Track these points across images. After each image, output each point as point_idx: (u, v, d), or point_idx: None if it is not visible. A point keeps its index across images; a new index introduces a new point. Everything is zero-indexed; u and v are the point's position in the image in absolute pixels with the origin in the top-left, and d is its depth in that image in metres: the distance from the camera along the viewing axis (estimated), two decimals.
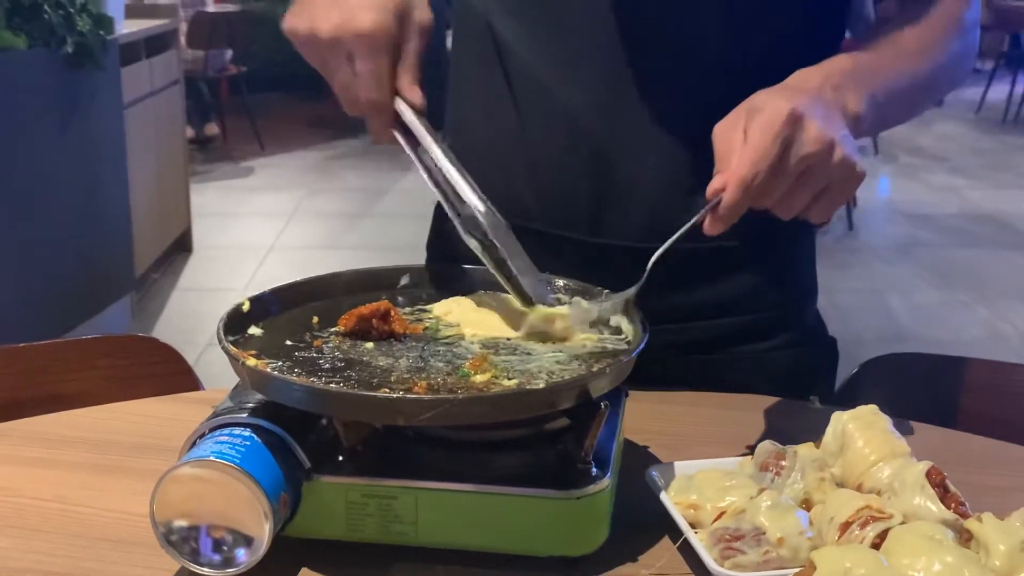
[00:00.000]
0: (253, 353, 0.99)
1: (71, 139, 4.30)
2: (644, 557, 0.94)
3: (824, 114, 1.01)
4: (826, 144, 0.98)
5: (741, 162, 0.97)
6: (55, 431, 1.20)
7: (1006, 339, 4.90)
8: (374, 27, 1.03)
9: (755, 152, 0.97)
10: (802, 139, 0.98)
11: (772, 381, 1.32)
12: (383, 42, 1.04)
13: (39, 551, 0.95)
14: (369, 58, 1.04)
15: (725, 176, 0.98)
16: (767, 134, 0.97)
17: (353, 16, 1.03)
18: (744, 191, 0.97)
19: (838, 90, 1.06)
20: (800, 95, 1.02)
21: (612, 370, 0.95)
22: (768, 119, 0.98)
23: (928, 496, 0.92)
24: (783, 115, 0.97)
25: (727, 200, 0.97)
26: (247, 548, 0.88)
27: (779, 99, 1.00)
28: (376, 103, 1.06)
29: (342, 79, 1.06)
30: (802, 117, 0.98)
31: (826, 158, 0.99)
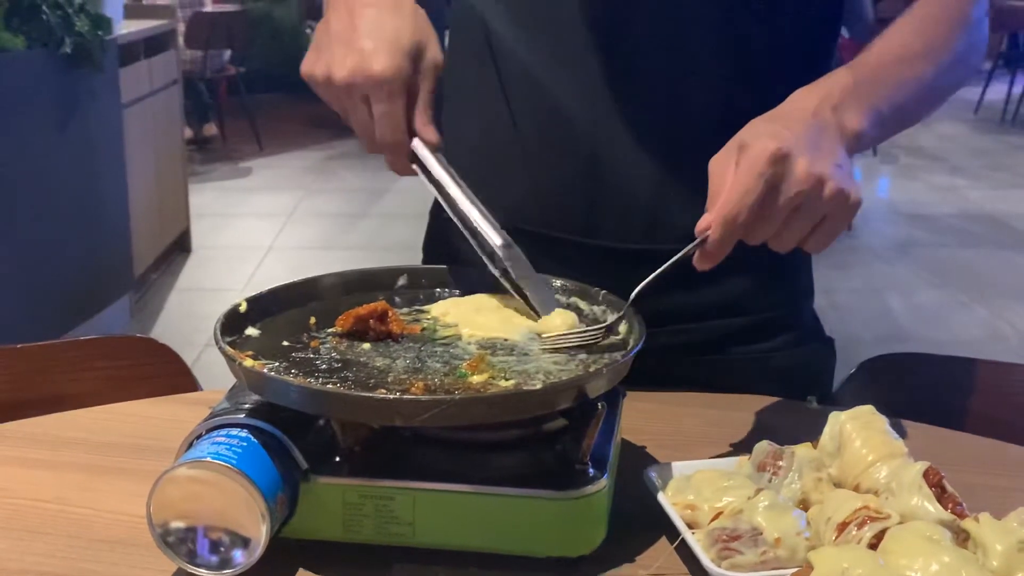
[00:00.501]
0: (250, 354, 0.99)
1: (70, 139, 4.30)
2: (642, 557, 0.94)
3: (814, 145, 1.00)
4: (814, 181, 0.98)
5: (726, 201, 0.98)
6: (53, 432, 1.20)
7: (1005, 339, 4.90)
8: (389, 71, 1.05)
9: (739, 191, 0.98)
10: (789, 178, 0.98)
11: (770, 382, 1.32)
12: (398, 85, 1.06)
13: (37, 552, 0.95)
14: (385, 101, 1.06)
15: (711, 214, 0.99)
16: (751, 173, 0.98)
17: (368, 61, 1.05)
18: (728, 230, 0.98)
19: (837, 110, 1.06)
20: (792, 127, 1.01)
21: (609, 371, 0.95)
22: (753, 158, 0.98)
23: (925, 496, 0.92)
24: (767, 154, 0.97)
25: (713, 237, 0.99)
26: (244, 549, 0.87)
27: (766, 136, 1.00)
28: (393, 144, 1.09)
29: (360, 121, 1.08)
30: (788, 155, 0.98)
31: (816, 195, 0.99)
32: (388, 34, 1.06)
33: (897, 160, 8.57)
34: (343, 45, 1.06)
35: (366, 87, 1.05)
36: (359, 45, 1.06)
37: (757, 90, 1.25)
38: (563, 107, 1.27)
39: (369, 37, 1.06)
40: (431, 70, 1.09)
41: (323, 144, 9.04)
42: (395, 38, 1.06)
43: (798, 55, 1.28)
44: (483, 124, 1.35)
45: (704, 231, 0.99)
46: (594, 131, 1.26)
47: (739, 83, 1.24)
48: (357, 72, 1.05)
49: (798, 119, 1.03)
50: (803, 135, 1.01)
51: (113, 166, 4.72)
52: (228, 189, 7.65)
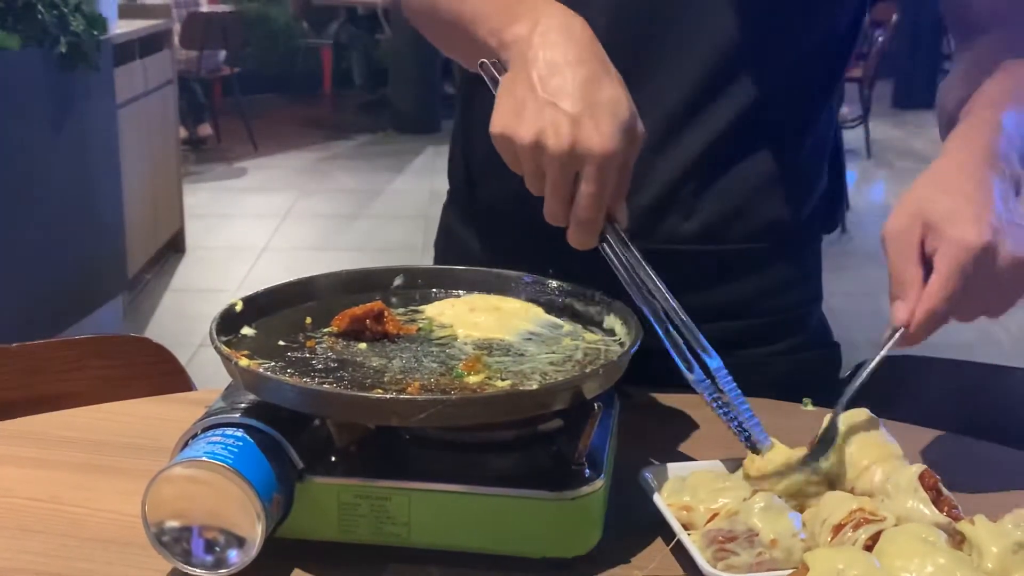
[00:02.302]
0: (246, 353, 0.99)
1: (64, 139, 4.29)
2: (637, 559, 0.94)
3: (1008, 220, 0.98)
4: (1017, 268, 0.97)
5: (928, 299, 0.97)
6: (48, 431, 1.19)
7: (998, 342, 4.91)
8: (611, 152, 0.95)
9: (943, 291, 0.96)
10: (993, 272, 0.97)
11: (774, 385, 1.32)
12: (615, 168, 0.96)
13: (32, 551, 0.95)
14: (597, 182, 0.96)
15: (910, 306, 0.98)
16: (956, 271, 0.96)
17: (590, 135, 0.94)
18: (933, 323, 0.97)
19: (1003, 154, 1.03)
20: (978, 200, 0.98)
21: (605, 371, 0.95)
22: (956, 254, 0.96)
23: (921, 499, 0.92)
24: (974, 251, 0.95)
25: (918, 334, 0.98)
26: (239, 549, 0.87)
27: (962, 223, 0.96)
28: (589, 223, 0.99)
29: (559, 194, 0.98)
30: (994, 249, 0.96)
31: (1016, 280, 0.98)
32: (607, 104, 0.96)
33: (891, 163, 8.58)
34: (554, 109, 0.95)
35: (583, 164, 0.95)
36: (576, 113, 0.95)
37: (775, 106, 1.26)
38: None
39: (586, 103, 0.95)
40: (639, 147, 1.00)
41: (318, 145, 9.03)
42: (615, 111, 0.96)
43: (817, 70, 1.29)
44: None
45: (903, 322, 0.98)
46: None
47: (757, 99, 1.24)
48: (577, 146, 0.94)
49: (978, 184, 1.00)
50: (996, 210, 0.98)
51: (108, 166, 4.72)
52: (223, 189, 7.65)
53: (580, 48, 0.99)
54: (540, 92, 0.96)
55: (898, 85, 10.69)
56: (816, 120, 1.32)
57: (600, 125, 0.95)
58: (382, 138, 9.16)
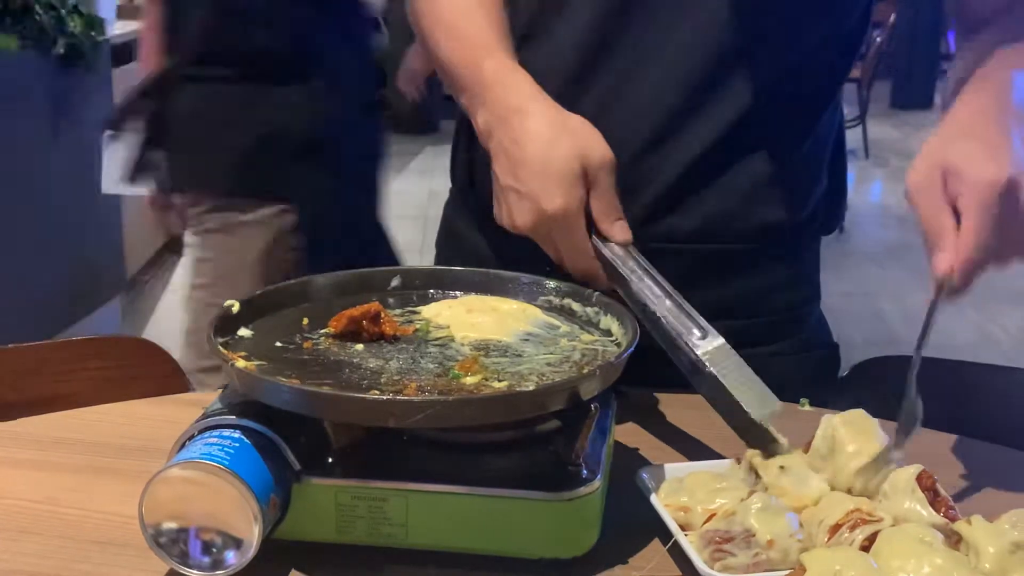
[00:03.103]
0: (243, 354, 0.99)
1: (62, 140, 4.29)
2: (634, 559, 0.94)
3: None
4: None
5: (965, 246, 0.96)
6: (45, 432, 1.19)
7: (996, 343, 4.91)
8: (563, 209, 1.09)
9: (978, 234, 0.95)
10: (1020, 205, 0.96)
11: (773, 385, 1.32)
12: (572, 217, 1.10)
13: (28, 552, 0.95)
14: (566, 236, 1.11)
15: (949, 256, 0.97)
16: (985, 212, 0.95)
17: (540, 203, 1.09)
18: (973, 271, 0.97)
19: (1016, 104, 1.04)
20: (995, 142, 0.98)
21: (602, 372, 0.95)
22: (980, 193, 0.95)
23: (918, 500, 0.92)
24: (995, 185, 0.95)
25: (961, 284, 0.97)
26: (236, 550, 0.87)
27: (981, 161, 0.97)
28: (583, 270, 1.13)
29: (552, 251, 1.14)
30: (1016, 183, 0.96)
31: None
32: (552, 170, 1.09)
33: (889, 163, 8.58)
34: (514, 194, 1.11)
35: (546, 228, 1.10)
36: (528, 190, 1.10)
37: (774, 107, 1.26)
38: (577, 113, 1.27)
39: (535, 179, 1.10)
40: (600, 172, 1.11)
41: None
42: (559, 171, 1.09)
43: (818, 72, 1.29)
44: None
45: (946, 273, 0.97)
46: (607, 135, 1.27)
47: (756, 100, 1.24)
48: (535, 218, 1.10)
49: (994, 128, 1.01)
50: (1015, 147, 0.98)
51: None
52: None
53: (525, 119, 1.12)
54: (503, 184, 1.13)
55: (896, 85, 10.69)
56: (816, 122, 1.32)
57: (548, 194, 1.09)
58: None
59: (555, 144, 1.10)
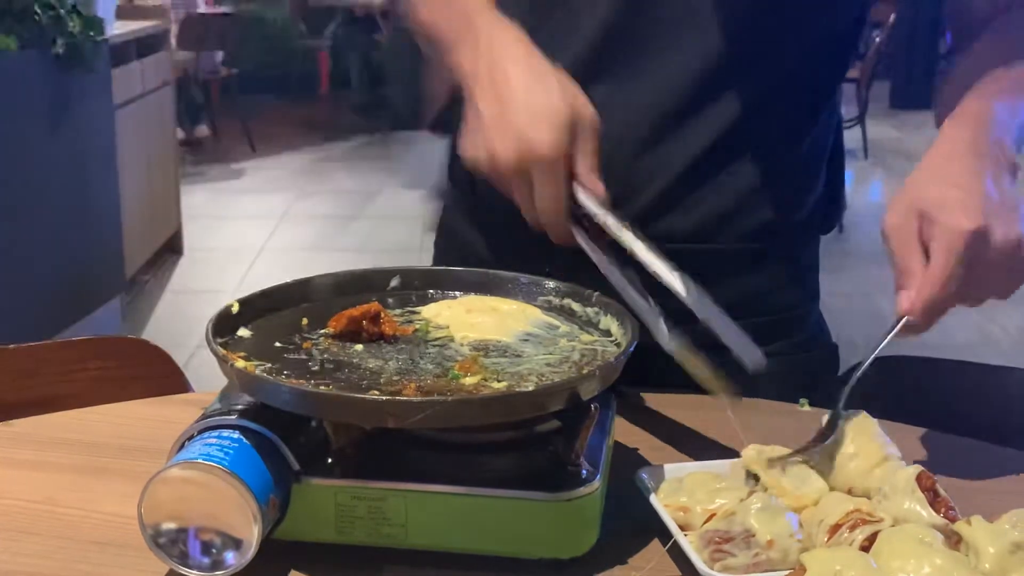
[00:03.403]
0: (242, 355, 0.99)
1: (62, 140, 4.29)
2: (634, 559, 0.94)
3: (999, 201, 0.99)
4: (1012, 248, 0.98)
5: (927, 286, 0.99)
6: (44, 433, 1.19)
7: (996, 342, 4.91)
8: (552, 151, 1.05)
9: (941, 276, 0.98)
10: (988, 255, 0.98)
11: (772, 385, 1.32)
12: (560, 164, 1.06)
13: (28, 553, 0.95)
14: (549, 181, 1.06)
15: (912, 296, 1.00)
16: (949, 257, 0.97)
17: (530, 142, 1.04)
18: (933, 312, 0.99)
19: (995, 143, 1.05)
20: (971, 188, 1.00)
21: (601, 372, 0.95)
22: (950, 240, 0.97)
23: (918, 500, 0.92)
24: (965, 236, 0.97)
25: (920, 321, 1.00)
26: (236, 551, 0.87)
27: (955, 210, 0.98)
28: (555, 220, 1.08)
29: (523, 197, 1.09)
30: (986, 232, 0.97)
31: (1015, 260, 0.99)
32: (541, 110, 1.06)
33: (888, 164, 8.58)
34: (498, 124, 1.06)
35: (530, 168, 1.06)
36: (515, 126, 1.05)
37: (771, 108, 1.26)
38: None
39: (524, 116, 1.06)
40: (588, 130, 1.08)
41: (315, 146, 9.03)
42: (549, 111, 1.06)
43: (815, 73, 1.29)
44: None
45: (907, 312, 1.01)
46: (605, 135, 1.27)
47: (755, 98, 1.24)
48: (521, 155, 1.05)
49: (973, 172, 1.02)
50: (988, 194, 1.00)
51: (105, 167, 4.71)
52: (220, 191, 7.64)
53: (516, 64, 1.09)
54: (486, 118, 1.08)
55: (895, 85, 10.69)
56: (814, 123, 1.32)
57: (538, 132, 1.04)
58: (380, 139, 9.16)
59: (548, 89, 1.08)
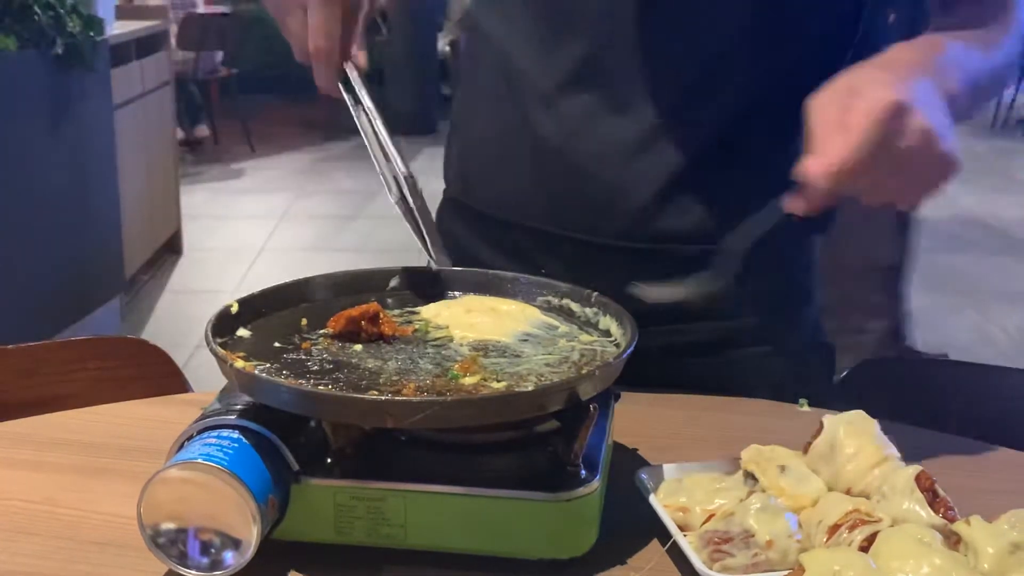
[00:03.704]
0: (242, 355, 0.99)
1: (61, 140, 4.29)
2: (633, 560, 0.94)
3: (927, 100, 0.98)
4: (929, 136, 0.96)
5: (839, 148, 0.95)
6: (44, 433, 1.19)
7: (996, 343, 4.91)
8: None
9: (856, 140, 0.95)
10: (905, 131, 0.96)
11: (767, 386, 1.32)
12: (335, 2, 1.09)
13: (27, 553, 0.95)
14: (322, 10, 1.09)
15: (820, 159, 0.96)
16: (868, 121, 0.95)
17: None
18: (838, 176, 0.96)
19: (939, 68, 1.04)
20: (903, 76, 0.99)
21: (601, 372, 0.95)
22: (871, 107, 0.95)
23: (917, 501, 0.92)
24: (888, 104, 0.95)
25: (820, 183, 0.96)
26: (235, 551, 0.87)
27: (882, 85, 0.97)
28: (325, 52, 1.11)
29: (295, 27, 1.11)
30: (907, 107, 0.96)
31: (927, 150, 0.97)
32: None
33: None
34: None
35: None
36: None
37: (767, 107, 1.26)
38: (571, 114, 1.28)
39: None
40: (367, 4, 1.13)
41: (315, 146, 9.03)
42: None
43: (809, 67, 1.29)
44: (493, 127, 1.37)
45: (810, 174, 0.97)
46: (601, 136, 1.27)
47: (749, 100, 1.24)
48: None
49: (909, 69, 1.01)
50: (917, 86, 0.98)
51: (104, 167, 4.71)
52: (220, 191, 7.64)
53: None
54: None
55: None
56: None
57: None
58: None
59: None
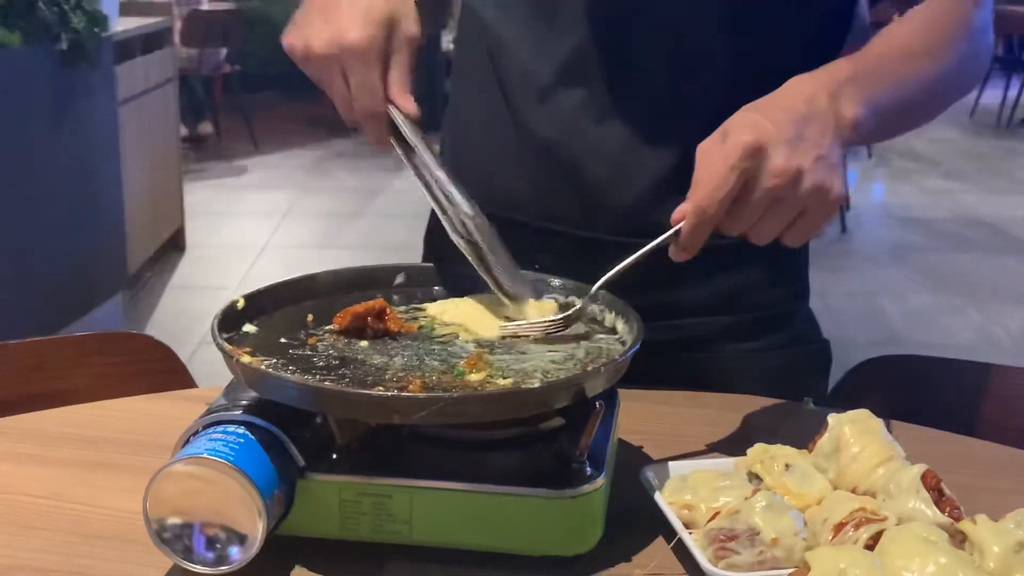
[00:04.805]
0: (247, 350, 0.99)
1: (65, 136, 4.29)
2: (638, 557, 0.94)
3: (797, 136, 0.99)
4: (791, 175, 0.97)
5: (699, 192, 0.98)
6: (48, 428, 1.19)
7: (998, 343, 4.91)
8: (363, 42, 1.07)
9: (712, 183, 0.97)
10: (764, 172, 0.97)
11: (763, 381, 1.32)
12: (373, 55, 1.08)
13: (32, 548, 0.95)
14: (361, 71, 1.08)
15: (686, 204, 0.99)
16: (724, 166, 0.97)
17: (344, 32, 1.07)
18: (700, 221, 0.98)
19: (834, 97, 1.04)
20: (774, 116, 1.00)
21: (607, 369, 0.95)
22: (728, 150, 0.97)
23: (923, 499, 0.92)
24: (743, 146, 0.97)
25: (686, 228, 0.99)
26: (240, 546, 0.87)
27: (746, 127, 0.99)
28: (370, 112, 1.10)
29: (338, 91, 1.10)
30: (764, 148, 0.97)
31: (793, 189, 0.98)
32: (362, 7, 1.08)
33: (891, 163, 8.58)
34: (320, 19, 1.09)
35: (342, 57, 1.08)
36: (334, 18, 1.08)
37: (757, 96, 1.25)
38: (562, 108, 1.28)
39: (344, 10, 1.08)
40: (405, 42, 1.11)
41: (319, 143, 9.03)
42: (368, 10, 1.08)
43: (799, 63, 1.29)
44: (485, 122, 1.37)
45: (679, 221, 0.99)
46: (594, 128, 1.27)
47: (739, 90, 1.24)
48: (333, 43, 1.07)
49: (786, 107, 1.02)
50: (786, 125, 0.99)
51: (108, 163, 4.72)
52: (223, 187, 7.64)
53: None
54: (312, 10, 1.10)
55: None
56: None
57: (354, 24, 1.07)
58: None
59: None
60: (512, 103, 1.32)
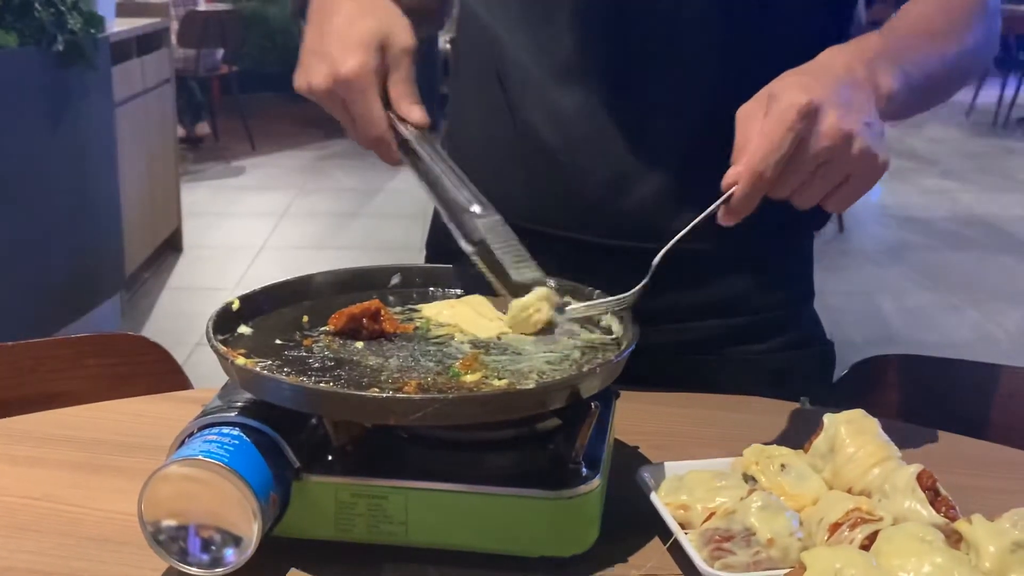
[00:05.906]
0: (243, 352, 0.99)
1: (62, 137, 4.29)
2: (634, 558, 0.94)
3: (846, 102, 0.99)
4: (843, 137, 0.97)
5: (753, 155, 0.97)
6: (44, 430, 1.19)
7: (996, 342, 4.91)
8: (356, 70, 1.08)
9: (768, 145, 0.97)
10: (818, 132, 0.97)
11: (767, 383, 1.32)
12: (367, 82, 1.09)
13: (27, 550, 0.95)
14: (359, 101, 1.10)
15: (739, 168, 0.98)
16: (780, 127, 0.96)
17: (337, 65, 1.09)
18: (755, 184, 0.97)
19: (869, 67, 1.04)
20: (822, 81, 1.00)
21: (602, 370, 0.95)
22: (782, 111, 0.97)
23: (919, 499, 0.92)
24: (798, 107, 0.96)
25: (739, 192, 0.98)
26: (235, 548, 0.87)
27: (797, 88, 0.98)
28: (375, 139, 1.11)
29: (346, 122, 1.13)
30: (818, 109, 0.97)
31: (844, 151, 0.97)
32: (352, 37, 1.10)
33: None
34: (316, 56, 1.11)
35: (340, 91, 1.09)
36: (328, 53, 1.10)
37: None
38: (561, 112, 1.28)
39: (336, 43, 1.10)
40: (401, 55, 1.12)
41: (316, 143, 9.03)
42: (358, 37, 1.10)
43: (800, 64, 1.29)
44: (485, 125, 1.37)
45: (731, 186, 0.98)
46: (594, 134, 1.27)
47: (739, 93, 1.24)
48: (329, 78, 1.09)
49: (831, 73, 1.02)
50: (835, 89, 0.99)
51: (105, 164, 4.71)
52: (220, 188, 7.64)
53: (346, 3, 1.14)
54: (307, 50, 1.13)
55: None
56: None
57: (345, 55, 1.09)
58: None
59: (360, 19, 1.12)
60: (511, 103, 1.31)
